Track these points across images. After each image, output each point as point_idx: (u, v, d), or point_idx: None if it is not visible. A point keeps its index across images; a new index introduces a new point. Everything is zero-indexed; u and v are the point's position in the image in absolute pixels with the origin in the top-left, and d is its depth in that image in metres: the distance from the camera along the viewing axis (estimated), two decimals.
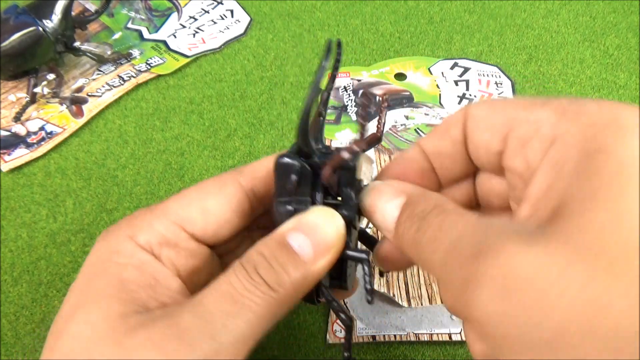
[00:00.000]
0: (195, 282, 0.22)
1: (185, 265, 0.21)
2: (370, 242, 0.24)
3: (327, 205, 0.20)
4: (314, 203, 0.20)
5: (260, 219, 0.24)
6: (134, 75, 0.45)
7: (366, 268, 0.20)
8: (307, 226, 0.19)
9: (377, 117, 0.21)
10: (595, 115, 0.16)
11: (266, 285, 0.18)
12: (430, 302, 0.33)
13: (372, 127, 0.21)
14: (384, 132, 0.26)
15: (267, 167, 0.22)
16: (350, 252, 0.20)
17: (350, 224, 0.20)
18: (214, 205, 0.21)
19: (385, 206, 0.19)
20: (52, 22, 0.41)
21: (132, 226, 0.20)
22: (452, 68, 0.45)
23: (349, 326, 0.21)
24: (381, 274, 0.24)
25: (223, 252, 0.24)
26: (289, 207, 0.20)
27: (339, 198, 0.21)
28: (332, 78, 0.21)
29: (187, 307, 0.18)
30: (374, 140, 0.22)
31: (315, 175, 0.20)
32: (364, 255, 0.20)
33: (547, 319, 0.13)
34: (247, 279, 0.18)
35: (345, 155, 0.19)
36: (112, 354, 0.17)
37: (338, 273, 0.21)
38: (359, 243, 0.23)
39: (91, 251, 0.20)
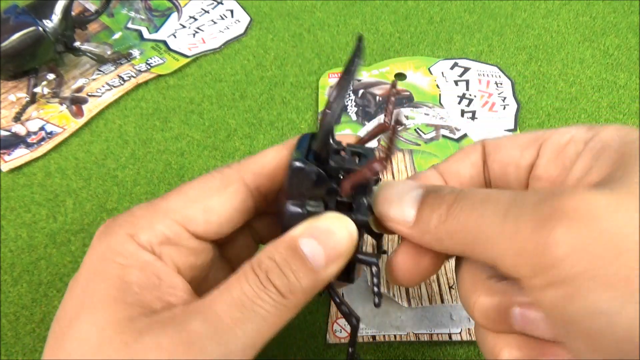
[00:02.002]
0: (197, 277, 0.22)
1: (186, 262, 0.21)
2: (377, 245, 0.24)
3: (340, 206, 0.20)
4: (326, 206, 0.20)
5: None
6: (134, 75, 0.45)
7: (375, 270, 0.20)
8: (320, 232, 0.19)
9: (385, 107, 0.21)
10: (618, 126, 0.18)
11: (277, 292, 0.18)
12: (430, 302, 0.33)
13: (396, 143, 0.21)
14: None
15: (273, 164, 0.21)
16: (360, 256, 0.20)
17: (362, 229, 0.20)
18: (217, 204, 0.21)
19: (403, 198, 0.19)
20: (52, 22, 0.41)
21: (133, 224, 0.20)
22: (452, 68, 0.45)
23: (354, 326, 0.22)
24: (377, 305, 0.23)
25: (222, 242, 0.23)
26: (301, 210, 0.20)
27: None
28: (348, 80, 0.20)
29: (196, 311, 0.18)
30: (381, 131, 0.21)
31: (329, 177, 0.20)
32: (374, 260, 0.20)
33: (625, 254, 0.13)
34: (259, 285, 0.18)
35: (368, 174, 0.19)
36: (121, 358, 0.17)
37: (346, 273, 0.21)
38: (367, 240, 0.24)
39: (90, 249, 0.20)
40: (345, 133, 0.39)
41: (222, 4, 0.51)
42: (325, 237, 0.19)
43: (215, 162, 0.40)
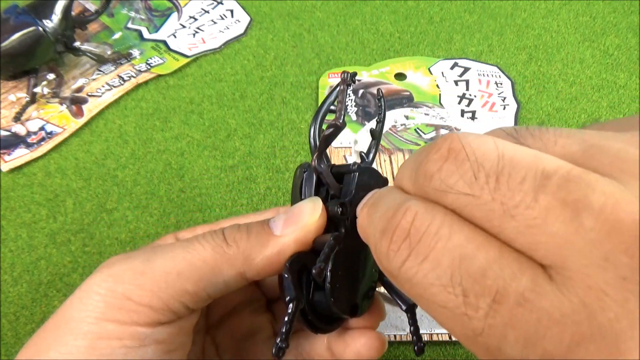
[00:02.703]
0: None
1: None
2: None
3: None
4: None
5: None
6: (134, 75, 0.45)
7: (329, 246, 0.19)
8: (291, 209, 0.20)
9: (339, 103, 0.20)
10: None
11: (222, 238, 0.20)
12: None
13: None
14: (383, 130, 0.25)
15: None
16: (317, 238, 0.20)
17: (335, 219, 0.20)
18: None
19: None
20: (52, 22, 0.41)
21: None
22: (452, 68, 0.45)
23: (290, 301, 0.19)
24: (417, 353, 0.21)
25: None
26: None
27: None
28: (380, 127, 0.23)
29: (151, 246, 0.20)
30: (335, 127, 0.20)
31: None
32: (327, 238, 0.19)
33: None
34: (211, 232, 0.20)
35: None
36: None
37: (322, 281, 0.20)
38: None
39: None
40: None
41: (222, 4, 0.51)
42: (291, 210, 0.20)
43: (215, 162, 0.40)
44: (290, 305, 0.19)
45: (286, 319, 0.18)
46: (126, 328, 0.18)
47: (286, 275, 0.19)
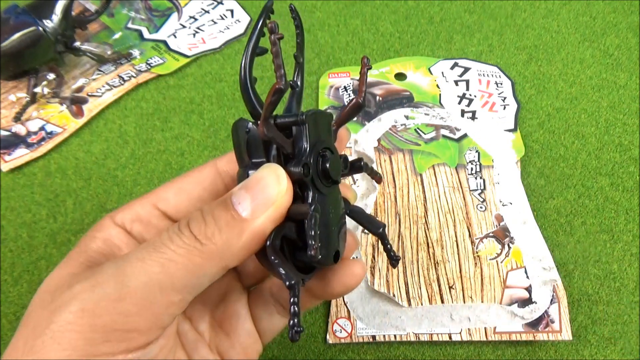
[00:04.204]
0: None
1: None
2: (372, 225, 0.24)
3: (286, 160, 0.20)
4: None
5: None
6: (134, 75, 0.45)
7: (311, 223, 0.19)
8: (250, 182, 0.19)
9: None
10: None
11: (193, 237, 0.18)
12: (430, 302, 0.33)
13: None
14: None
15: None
16: (292, 208, 0.19)
17: (299, 181, 0.20)
18: (188, 185, 0.23)
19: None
20: (52, 22, 0.41)
21: (119, 210, 0.22)
22: (452, 68, 0.45)
23: (291, 287, 0.19)
24: (393, 265, 0.23)
25: None
26: (243, 170, 0.20)
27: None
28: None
29: (115, 259, 0.19)
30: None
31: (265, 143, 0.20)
32: (305, 209, 0.19)
33: None
34: (176, 231, 0.18)
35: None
36: (79, 296, 0.18)
37: (302, 240, 0.20)
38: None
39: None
40: None
41: (222, 4, 0.51)
42: (253, 185, 0.18)
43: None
44: (293, 290, 0.18)
45: (292, 301, 0.18)
46: (118, 357, 0.17)
47: (274, 259, 0.19)
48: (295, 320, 0.18)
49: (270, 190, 0.18)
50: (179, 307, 0.18)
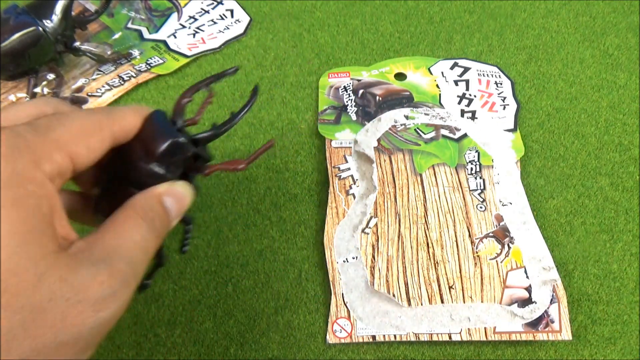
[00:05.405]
0: None
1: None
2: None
3: (184, 175, 0.26)
4: (183, 173, 0.26)
5: None
6: (134, 75, 0.45)
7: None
8: (176, 193, 0.25)
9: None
10: None
11: (148, 218, 0.23)
12: (430, 302, 0.33)
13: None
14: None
15: (133, 124, 0.24)
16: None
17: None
18: (95, 145, 0.22)
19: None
20: (52, 22, 0.41)
21: (35, 152, 0.20)
22: (452, 68, 0.45)
23: (158, 264, 0.27)
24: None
25: None
26: (165, 173, 0.25)
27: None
28: None
29: (114, 251, 0.21)
30: (234, 170, 0.30)
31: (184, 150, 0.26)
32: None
33: None
34: (149, 228, 0.23)
35: (230, 169, 0.29)
36: (62, 294, 0.18)
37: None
38: None
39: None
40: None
41: (222, 4, 0.51)
42: (179, 199, 0.25)
43: (215, 161, 0.40)
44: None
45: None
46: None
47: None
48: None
49: (186, 205, 0.25)
50: None
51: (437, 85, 0.44)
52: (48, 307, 0.18)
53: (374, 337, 0.32)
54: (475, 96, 0.43)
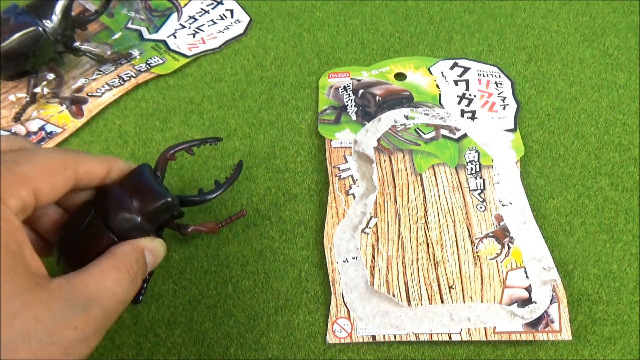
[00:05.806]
0: None
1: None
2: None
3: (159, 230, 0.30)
4: (157, 231, 0.29)
5: None
6: (134, 75, 0.45)
7: None
8: (154, 249, 0.27)
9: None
10: None
11: (132, 276, 0.24)
12: (430, 302, 0.33)
13: None
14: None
15: (101, 172, 0.26)
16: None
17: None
18: (59, 184, 0.23)
19: None
20: (52, 22, 0.41)
21: (2, 188, 0.20)
22: (452, 68, 0.45)
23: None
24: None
25: None
26: (148, 228, 0.27)
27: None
28: None
29: (89, 296, 0.21)
30: (209, 232, 0.35)
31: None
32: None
33: None
34: (130, 275, 0.24)
35: (204, 231, 0.34)
36: (38, 334, 0.18)
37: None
38: None
39: None
40: None
41: (222, 4, 0.51)
42: (156, 254, 0.27)
43: (215, 162, 0.40)
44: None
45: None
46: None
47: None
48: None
49: (159, 260, 0.27)
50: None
51: (437, 85, 0.44)
52: (20, 346, 0.18)
53: (374, 337, 0.32)
54: (475, 96, 0.43)
